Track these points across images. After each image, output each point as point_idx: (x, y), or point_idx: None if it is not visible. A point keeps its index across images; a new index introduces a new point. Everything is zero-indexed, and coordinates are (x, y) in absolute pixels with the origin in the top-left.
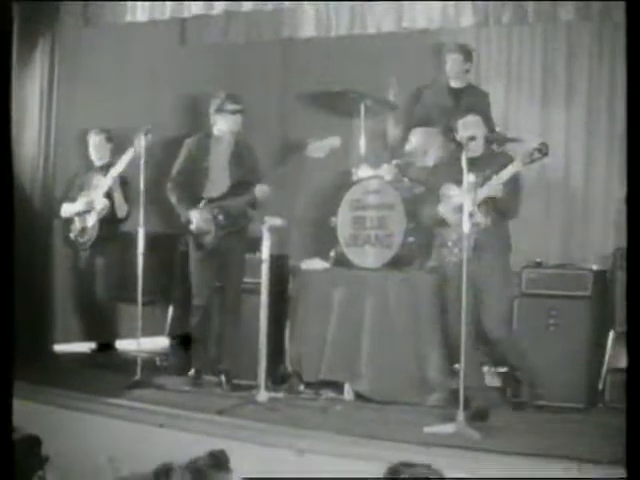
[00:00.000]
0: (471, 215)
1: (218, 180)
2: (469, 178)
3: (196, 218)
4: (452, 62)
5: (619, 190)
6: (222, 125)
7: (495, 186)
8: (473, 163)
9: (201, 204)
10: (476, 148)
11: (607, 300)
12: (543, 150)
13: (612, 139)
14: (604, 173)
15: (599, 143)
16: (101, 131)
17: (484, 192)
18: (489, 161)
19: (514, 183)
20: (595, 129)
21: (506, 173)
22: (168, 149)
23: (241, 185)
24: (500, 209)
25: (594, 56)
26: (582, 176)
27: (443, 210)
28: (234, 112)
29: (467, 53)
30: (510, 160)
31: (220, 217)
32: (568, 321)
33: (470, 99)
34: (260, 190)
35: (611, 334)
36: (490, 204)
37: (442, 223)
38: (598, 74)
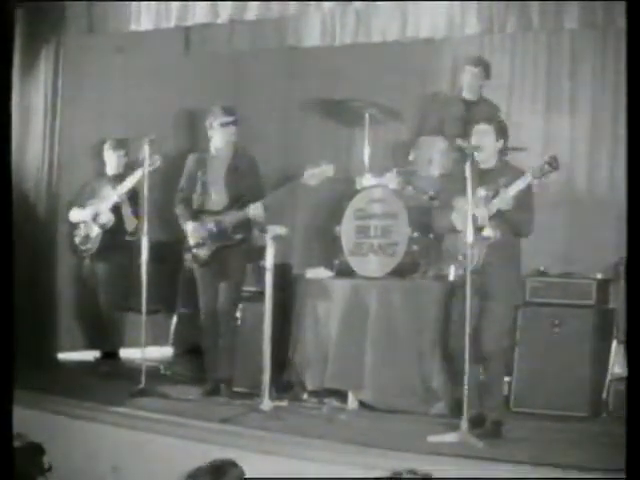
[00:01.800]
0: (481, 228)
1: (217, 195)
2: (479, 191)
3: (191, 231)
4: (471, 75)
5: (624, 197)
6: (217, 140)
7: (505, 200)
8: (485, 175)
9: (199, 218)
10: (486, 159)
11: (611, 309)
12: (554, 164)
13: (616, 148)
14: (608, 182)
15: (603, 152)
16: (118, 143)
17: (494, 206)
18: (501, 174)
19: (526, 198)
20: (599, 138)
21: (515, 187)
22: (176, 160)
23: (239, 201)
24: (511, 224)
25: (598, 64)
26: (586, 185)
27: (455, 220)
28: (227, 124)
29: (486, 68)
30: (521, 174)
31: (214, 231)
32: (572, 330)
33: (482, 111)
34: (254, 209)
35: (614, 343)
36: (501, 218)
37: (452, 234)
38: (602, 82)
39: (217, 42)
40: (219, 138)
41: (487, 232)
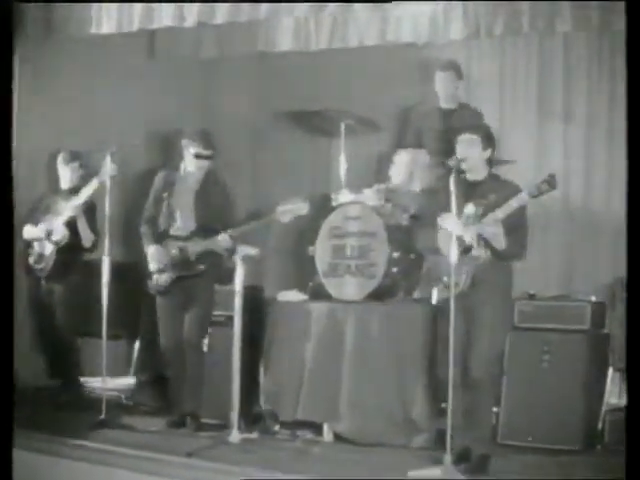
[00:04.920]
0: (469, 248)
1: (183, 220)
2: (467, 207)
3: (152, 255)
4: (443, 81)
5: (621, 214)
6: (190, 165)
7: (496, 221)
8: (473, 189)
9: (162, 241)
10: (474, 171)
11: (606, 334)
12: (552, 182)
13: (613, 160)
14: (605, 196)
15: (599, 163)
16: (72, 155)
17: (484, 225)
18: (492, 189)
19: (518, 220)
20: (595, 149)
21: (508, 207)
22: (144, 175)
23: (206, 228)
24: (501, 247)
25: (593, 69)
26: (581, 200)
27: (439, 240)
28: (201, 158)
29: (458, 70)
30: (517, 190)
31: (177, 258)
32: (564, 357)
33: (463, 120)
34: (222, 240)
35: (610, 371)
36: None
37: (436, 253)
38: (598, 89)
39: (183, 48)
40: (192, 165)
41: (475, 252)
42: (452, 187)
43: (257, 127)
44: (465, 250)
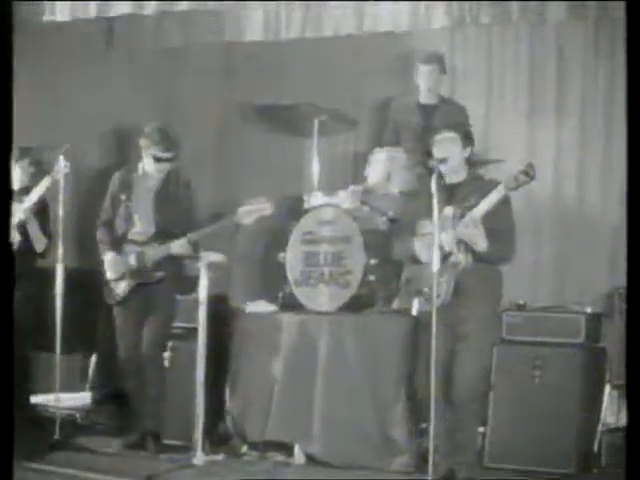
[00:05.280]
0: (449, 254)
1: (142, 224)
2: (446, 210)
3: (109, 262)
4: (425, 75)
5: (618, 218)
6: (149, 166)
7: (474, 220)
8: (453, 191)
9: (120, 247)
10: (453, 172)
11: (602, 348)
12: (530, 172)
13: (609, 158)
14: (601, 198)
15: (595, 163)
16: (21, 152)
17: (462, 226)
18: (474, 190)
19: (504, 219)
20: (590, 148)
21: (487, 203)
22: (100, 176)
23: (166, 232)
24: (482, 249)
25: (589, 61)
26: (575, 202)
27: (418, 247)
28: (162, 161)
29: (441, 62)
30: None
31: (134, 265)
32: (556, 373)
33: (444, 116)
34: (178, 246)
35: (607, 387)
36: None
37: (415, 262)
38: (594, 82)
39: (144, 37)
40: (151, 166)
41: (455, 258)
42: (434, 189)
43: (223, 123)
44: (444, 257)
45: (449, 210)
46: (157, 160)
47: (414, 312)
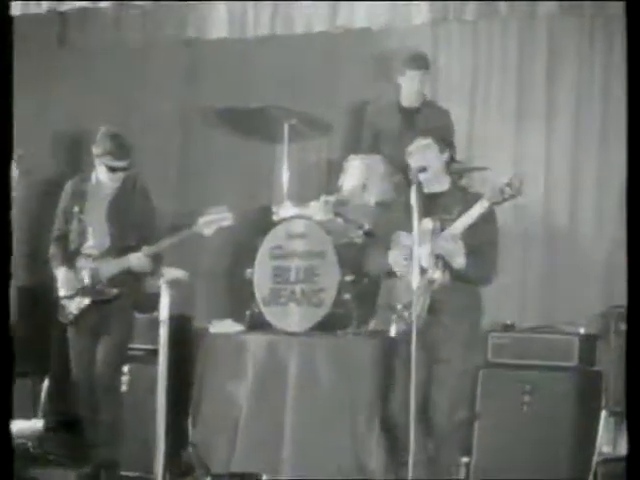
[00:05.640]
0: (425, 270)
1: (96, 237)
2: (424, 223)
3: (61, 279)
4: (411, 80)
5: (614, 230)
6: (103, 175)
7: (453, 236)
8: (433, 202)
9: (73, 263)
10: (435, 181)
11: (597, 372)
12: (515, 185)
13: (605, 165)
14: (596, 209)
15: (589, 170)
16: None
17: (440, 241)
18: (456, 201)
19: (488, 234)
20: (584, 153)
21: (468, 217)
22: (48, 185)
23: (122, 245)
24: (459, 267)
25: (583, 60)
26: (567, 214)
27: (393, 262)
28: (118, 170)
29: (426, 65)
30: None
31: (87, 282)
32: (547, 398)
33: (426, 120)
34: (135, 259)
35: (603, 414)
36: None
37: (390, 278)
38: (588, 83)
39: (100, 33)
40: (104, 175)
41: (432, 274)
42: (413, 200)
43: (186, 126)
44: (420, 272)
45: (428, 223)
46: (111, 170)
47: (392, 333)
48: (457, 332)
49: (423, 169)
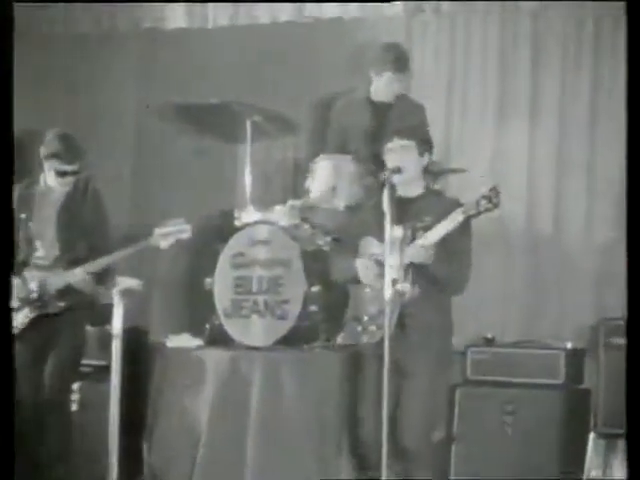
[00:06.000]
0: (394, 281)
1: (45, 246)
2: (394, 230)
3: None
4: (387, 81)
5: (603, 238)
6: (52, 179)
7: (424, 246)
8: (405, 207)
9: (21, 274)
10: (409, 185)
11: (585, 390)
12: (493, 198)
13: (591, 169)
14: (583, 215)
15: (575, 172)
16: None
17: (412, 252)
18: (430, 207)
19: (460, 241)
20: (570, 153)
21: (442, 228)
22: None
23: (70, 256)
24: (432, 277)
25: (570, 55)
26: (551, 220)
27: (360, 270)
28: (68, 173)
29: (407, 67)
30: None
31: (34, 294)
32: (531, 418)
33: (399, 116)
34: (75, 275)
35: (592, 436)
36: (420, 267)
37: (357, 287)
38: (575, 79)
39: (49, 23)
40: (52, 180)
41: (401, 285)
42: (386, 205)
43: (140, 124)
44: (391, 283)
45: (399, 230)
46: (60, 174)
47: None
48: (426, 347)
49: (398, 170)
